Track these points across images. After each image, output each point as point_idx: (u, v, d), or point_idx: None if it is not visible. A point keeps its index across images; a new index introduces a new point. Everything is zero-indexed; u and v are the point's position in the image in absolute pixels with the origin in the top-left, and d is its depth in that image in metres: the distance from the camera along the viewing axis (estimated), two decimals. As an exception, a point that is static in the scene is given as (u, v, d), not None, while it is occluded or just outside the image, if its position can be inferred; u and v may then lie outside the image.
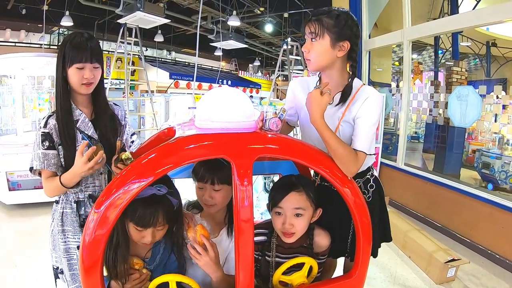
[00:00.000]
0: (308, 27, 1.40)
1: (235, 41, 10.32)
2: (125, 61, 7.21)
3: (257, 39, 15.82)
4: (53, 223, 1.63)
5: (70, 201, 1.60)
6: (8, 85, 4.87)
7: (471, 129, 5.20)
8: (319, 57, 1.41)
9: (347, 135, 1.45)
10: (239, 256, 1.20)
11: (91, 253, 1.13)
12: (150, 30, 10.11)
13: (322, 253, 1.52)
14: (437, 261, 2.92)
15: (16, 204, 4.59)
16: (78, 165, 1.42)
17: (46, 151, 1.51)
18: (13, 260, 3.19)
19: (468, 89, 3.68)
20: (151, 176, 1.13)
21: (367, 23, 5.36)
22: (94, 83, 1.55)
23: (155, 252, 1.42)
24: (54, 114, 1.55)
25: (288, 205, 1.37)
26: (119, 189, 1.13)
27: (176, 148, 1.21)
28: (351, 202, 1.36)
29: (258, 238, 1.46)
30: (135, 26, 7.06)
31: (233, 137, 1.23)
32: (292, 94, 1.64)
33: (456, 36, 5.21)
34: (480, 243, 3.43)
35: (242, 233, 1.19)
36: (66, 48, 1.49)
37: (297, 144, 1.34)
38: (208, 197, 1.39)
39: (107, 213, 1.13)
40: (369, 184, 1.63)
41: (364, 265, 1.44)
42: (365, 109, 1.40)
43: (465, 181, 4.07)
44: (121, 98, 7.64)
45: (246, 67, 22.22)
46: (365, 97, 1.41)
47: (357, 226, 1.39)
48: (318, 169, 1.33)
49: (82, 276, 1.16)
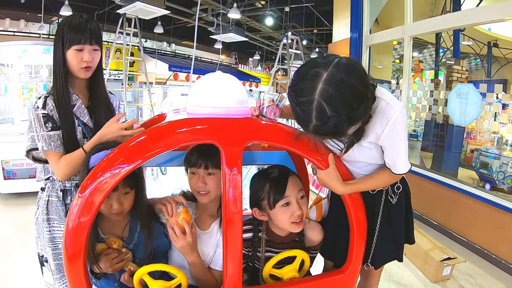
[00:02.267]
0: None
1: (235, 34, 10.23)
2: (124, 51, 7.15)
3: (258, 33, 15.73)
4: (38, 210, 1.59)
5: (56, 189, 1.56)
6: (5, 74, 4.80)
7: (470, 128, 5.17)
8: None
9: (360, 157, 1.31)
10: (227, 246, 1.17)
11: (74, 240, 1.09)
12: (150, 21, 10.03)
13: (314, 248, 1.49)
14: (432, 259, 2.90)
15: (11, 193, 4.58)
16: (112, 129, 1.40)
17: (50, 132, 1.45)
18: (7, 249, 3.18)
19: (468, 87, 3.64)
20: (139, 159, 1.10)
21: (368, 18, 5.32)
22: (92, 67, 1.51)
23: (132, 229, 1.40)
24: (50, 95, 1.50)
25: (293, 190, 1.34)
26: (105, 173, 1.10)
27: (165, 132, 1.18)
28: (346, 196, 1.33)
29: (246, 235, 1.43)
30: (134, 17, 6.98)
31: (222, 122, 1.19)
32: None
33: (457, 34, 5.17)
34: (476, 242, 3.42)
35: (230, 221, 1.16)
36: (65, 30, 1.44)
37: (290, 132, 1.29)
38: (202, 183, 1.35)
39: (92, 197, 1.09)
40: (396, 185, 1.43)
41: (358, 260, 1.41)
42: (389, 135, 1.18)
43: (463, 181, 4.05)
44: (119, 89, 7.59)
45: (246, 60, 22.12)
46: (385, 120, 1.16)
47: (351, 220, 1.35)
48: (312, 159, 1.29)
49: (65, 264, 1.12)
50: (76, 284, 1.13)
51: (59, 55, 1.46)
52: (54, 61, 1.49)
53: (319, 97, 0.97)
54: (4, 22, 13.89)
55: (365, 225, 1.39)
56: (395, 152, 1.24)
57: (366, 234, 1.40)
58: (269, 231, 1.45)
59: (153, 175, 2.12)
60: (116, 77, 11.36)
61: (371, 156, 1.30)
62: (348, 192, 1.31)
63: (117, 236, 1.37)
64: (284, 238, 1.45)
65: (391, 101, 1.17)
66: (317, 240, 1.48)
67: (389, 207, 1.44)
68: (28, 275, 2.69)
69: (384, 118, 1.16)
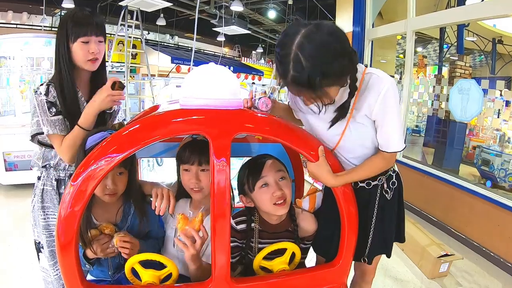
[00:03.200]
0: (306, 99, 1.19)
1: (237, 27, 10.22)
2: (126, 44, 7.14)
3: (261, 26, 15.64)
4: (34, 199, 1.63)
5: (51, 178, 1.60)
6: (6, 66, 4.82)
7: (472, 125, 5.14)
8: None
9: (357, 135, 1.30)
10: (215, 238, 1.16)
11: (67, 228, 1.10)
12: (152, 14, 9.99)
13: (307, 238, 1.49)
14: (430, 255, 2.90)
15: (13, 184, 4.61)
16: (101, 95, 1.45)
17: (54, 117, 1.47)
18: (8, 239, 3.21)
19: (470, 82, 3.60)
20: (131, 148, 1.10)
21: (370, 11, 5.26)
22: (99, 59, 1.52)
23: (125, 213, 1.44)
24: (52, 84, 1.50)
25: (271, 170, 1.35)
26: (97, 161, 1.10)
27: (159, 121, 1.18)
28: (337, 189, 1.31)
29: (239, 226, 1.43)
30: (136, 9, 6.96)
31: (210, 113, 1.18)
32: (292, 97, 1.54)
33: (461, 29, 5.11)
34: (474, 239, 3.40)
35: (218, 213, 1.15)
36: (69, 24, 1.44)
37: (281, 124, 1.27)
38: (195, 179, 1.36)
39: (84, 186, 1.09)
40: (391, 181, 1.42)
41: (349, 254, 1.39)
42: (382, 108, 1.21)
43: (464, 177, 4.03)
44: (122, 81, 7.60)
45: (249, 53, 22.02)
46: (376, 92, 1.20)
47: (342, 214, 1.34)
48: (302, 151, 1.29)
49: (58, 252, 1.13)
50: (68, 271, 1.14)
51: (63, 49, 1.47)
52: (57, 55, 1.50)
53: (296, 49, 1.03)
54: (7, 15, 13.89)
55: (357, 220, 1.37)
56: (389, 127, 1.25)
57: (357, 228, 1.38)
58: (261, 220, 1.45)
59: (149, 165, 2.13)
60: (118, 70, 11.35)
61: (366, 135, 1.30)
62: (339, 184, 1.29)
63: (110, 221, 1.39)
64: (277, 227, 1.44)
65: (381, 75, 1.22)
66: (311, 230, 1.47)
67: (383, 202, 1.43)
68: (28, 265, 2.72)
69: (376, 90, 1.20)
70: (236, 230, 1.42)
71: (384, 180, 1.42)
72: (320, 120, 1.33)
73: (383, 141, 1.29)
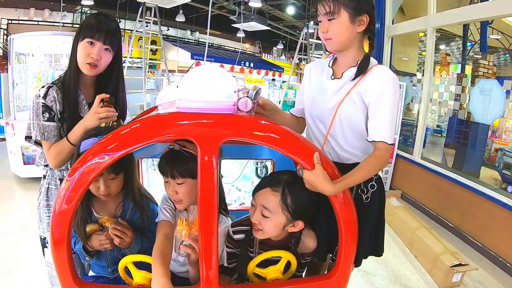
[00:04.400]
0: (322, 6, 1.29)
1: (257, 23, 10.13)
2: (144, 40, 7.21)
3: (281, 22, 15.50)
4: (40, 196, 1.67)
5: (55, 177, 1.63)
6: (26, 62, 4.94)
7: (495, 126, 4.91)
8: (340, 36, 1.32)
9: (349, 113, 1.35)
10: (202, 244, 1.13)
11: (60, 223, 1.10)
12: (172, 10, 10.05)
13: (307, 254, 1.44)
14: (443, 264, 2.79)
15: (30, 177, 4.75)
16: (89, 114, 1.44)
17: (46, 122, 1.49)
18: (23, 231, 3.34)
19: (492, 83, 3.42)
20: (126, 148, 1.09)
21: (390, 8, 5.11)
22: (98, 66, 1.51)
23: (125, 207, 1.46)
24: (54, 85, 1.52)
25: (259, 199, 1.29)
26: (94, 157, 1.09)
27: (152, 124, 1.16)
28: (335, 197, 1.23)
29: (237, 236, 1.39)
30: (154, 5, 7.00)
31: (201, 117, 1.14)
32: (308, 78, 1.54)
33: (484, 27, 4.88)
34: (491, 248, 3.25)
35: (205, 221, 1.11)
36: (84, 24, 1.48)
37: (274, 129, 1.21)
38: (172, 191, 1.32)
39: (80, 182, 1.08)
40: (370, 183, 1.42)
41: (347, 266, 1.32)
42: (378, 93, 1.28)
43: (485, 181, 3.85)
44: (140, 77, 7.70)
45: (270, 49, 21.92)
46: (377, 78, 1.30)
47: (339, 223, 1.26)
48: (296, 158, 1.21)
49: (52, 247, 1.13)
50: (62, 266, 1.15)
51: (74, 48, 1.50)
52: (71, 54, 1.53)
53: None
54: (29, 12, 14.33)
55: (356, 228, 1.30)
56: (381, 114, 1.29)
57: (356, 237, 1.31)
58: None
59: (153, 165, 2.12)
60: (139, 65, 11.52)
61: (357, 117, 1.35)
62: (338, 191, 1.22)
63: (110, 215, 1.42)
64: (277, 242, 1.39)
65: (387, 70, 1.34)
66: (311, 247, 1.42)
67: (358, 204, 1.35)
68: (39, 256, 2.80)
69: (378, 77, 1.30)
70: (232, 239, 1.39)
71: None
72: (323, 94, 1.41)
73: (372, 129, 1.31)
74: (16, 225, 3.50)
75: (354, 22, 1.30)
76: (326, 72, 1.44)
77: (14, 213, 3.85)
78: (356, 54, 1.37)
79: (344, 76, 1.37)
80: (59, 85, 1.53)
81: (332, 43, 1.34)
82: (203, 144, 1.10)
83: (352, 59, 1.38)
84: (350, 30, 1.31)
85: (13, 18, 13.14)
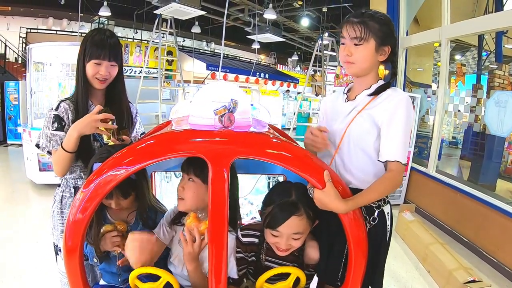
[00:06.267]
0: (352, 30, 1.32)
1: (272, 35, 10.19)
2: (159, 51, 7.35)
3: (296, 33, 15.58)
4: (54, 204, 1.72)
5: (69, 186, 1.68)
6: (44, 71, 5.10)
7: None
8: (363, 62, 1.35)
9: (358, 133, 1.35)
10: (212, 258, 1.15)
11: (74, 232, 1.13)
12: (187, 21, 10.25)
13: (312, 266, 1.42)
14: (456, 280, 2.71)
15: (45, 184, 4.86)
16: (86, 119, 1.47)
17: (54, 132, 1.57)
18: (37, 236, 3.41)
19: (508, 94, 3.35)
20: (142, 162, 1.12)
21: (404, 19, 5.08)
22: (108, 79, 1.63)
23: (137, 222, 1.49)
24: (67, 100, 1.63)
25: (287, 230, 1.27)
26: (110, 170, 1.12)
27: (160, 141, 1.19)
28: (346, 216, 1.21)
29: (247, 239, 1.40)
30: (170, 17, 7.16)
31: (211, 135, 1.15)
32: (323, 113, 1.58)
33: (500, 36, 4.80)
34: (506, 264, 3.14)
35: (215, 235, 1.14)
36: (88, 44, 1.57)
37: (285, 147, 1.20)
38: (181, 186, 1.35)
39: (94, 193, 1.11)
40: (372, 216, 1.38)
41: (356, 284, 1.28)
42: (391, 112, 1.30)
43: (501, 194, 3.75)
44: (155, 87, 7.84)
45: (285, 61, 22.02)
46: (390, 100, 1.32)
47: (349, 240, 1.24)
48: (307, 176, 1.20)
49: (64, 255, 1.16)
50: (74, 275, 1.18)
51: (81, 65, 1.59)
52: (77, 70, 1.63)
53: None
54: (48, 21, 14.79)
55: (366, 246, 1.27)
56: (393, 134, 1.30)
57: (366, 256, 1.28)
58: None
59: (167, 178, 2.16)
60: (154, 76, 11.73)
61: (367, 137, 1.35)
62: (349, 210, 1.22)
63: (124, 220, 1.47)
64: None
65: (401, 91, 1.38)
66: (315, 258, 1.41)
67: None
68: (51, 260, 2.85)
69: (391, 99, 1.32)
70: (241, 242, 1.40)
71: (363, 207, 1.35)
72: (336, 116, 1.45)
73: (385, 148, 1.31)
74: (30, 230, 3.59)
75: (378, 51, 1.34)
76: (341, 97, 1.49)
77: (29, 218, 3.95)
78: (372, 80, 1.41)
79: (358, 98, 1.40)
80: (72, 99, 1.64)
81: (354, 67, 1.37)
82: (214, 162, 1.11)
83: (368, 84, 1.41)
84: (373, 58, 1.35)
85: (32, 27, 13.59)
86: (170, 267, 1.44)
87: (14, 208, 4.27)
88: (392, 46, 1.36)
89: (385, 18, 1.36)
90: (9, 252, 3.15)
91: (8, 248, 3.23)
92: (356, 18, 1.32)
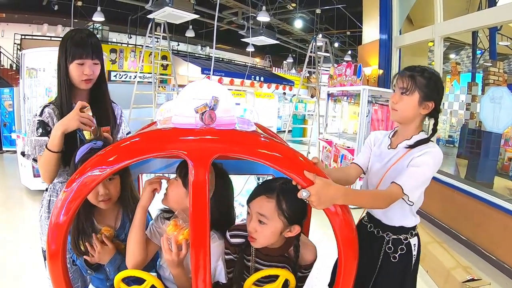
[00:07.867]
0: (401, 81, 1.47)
1: (266, 37, 10.17)
2: (153, 55, 7.33)
3: (290, 36, 15.62)
4: (42, 209, 1.68)
5: (56, 190, 1.65)
6: (37, 77, 5.06)
7: (508, 135, 4.78)
8: (405, 111, 1.48)
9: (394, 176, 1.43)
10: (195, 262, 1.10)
11: (57, 235, 1.09)
12: (182, 25, 10.22)
13: (305, 267, 1.39)
14: (454, 279, 2.68)
15: (40, 190, 4.81)
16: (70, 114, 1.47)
17: (38, 138, 1.54)
18: (30, 242, 3.37)
19: (502, 90, 3.34)
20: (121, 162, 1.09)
21: (397, 18, 5.09)
22: (93, 79, 1.61)
23: (124, 222, 1.46)
24: (50, 104, 1.61)
25: (254, 208, 1.27)
26: (93, 169, 1.08)
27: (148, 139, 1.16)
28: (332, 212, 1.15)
29: (235, 240, 1.36)
30: (163, 22, 7.14)
31: (189, 133, 1.12)
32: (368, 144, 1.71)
33: (493, 34, 4.81)
34: (505, 261, 3.12)
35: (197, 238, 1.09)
36: (68, 44, 1.54)
37: (269, 144, 1.17)
38: (168, 183, 1.34)
39: (77, 193, 1.07)
40: (400, 246, 1.51)
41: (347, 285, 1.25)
42: (419, 155, 1.42)
43: (498, 191, 3.73)
44: (150, 92, 7.82)
45: (280, 63, 22.05)
46: (422, 148, 1.44)
47: (338, 241, 1.18)
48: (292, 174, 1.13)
49: (48, 259, 1.13)
50: (57, 279, 1.16)
51: (63, 68, 1.56)
52: (58, 73, 1.59)
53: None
54: (42, 27, 14.76)
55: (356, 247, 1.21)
56: (413, 169, 1.38)
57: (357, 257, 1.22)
58: None
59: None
60: (149, 80, 11.71)
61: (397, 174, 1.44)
62: (348, 196, 1.17)
63: (110, 226, 1.44)
64: (272, 250, 1.35)
65: (433, 144, 1.50)
66: (310, 260, 1.38)
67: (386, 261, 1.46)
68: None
69: (424, 147, 1.45)
70: (230, 243, 1.37)
71: (391, 236, 1.50)
72: (379, 160, 1.58)
73: (400, 175, 1.38)
74: (24, 235, 3.57)
75: (421, 105, 1.45)
76: (386, 141, 1.62)
77: (23, 223, 3.94)
78: (414, 131, 1.52)
79: (399, 147, 1.53)
80: (55, 103, 1.61)
81: (397, 114, 1.50)
82: (194, 161, 1.07)
83: (409, 134, 1.52)
84: (416, 110, 1.47)
85: (27, 34, 13.53)
86: (159, 271, 1.41)
87: (8, 213, 4.27)
88: (436, 103, 1.47)
89: (434, 76, 1.46)
90: (1, 257, 3.14)
91: (1, 253, 3.22)
92: (408, 72, 1.47)
